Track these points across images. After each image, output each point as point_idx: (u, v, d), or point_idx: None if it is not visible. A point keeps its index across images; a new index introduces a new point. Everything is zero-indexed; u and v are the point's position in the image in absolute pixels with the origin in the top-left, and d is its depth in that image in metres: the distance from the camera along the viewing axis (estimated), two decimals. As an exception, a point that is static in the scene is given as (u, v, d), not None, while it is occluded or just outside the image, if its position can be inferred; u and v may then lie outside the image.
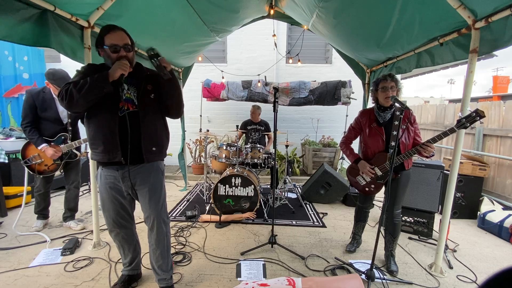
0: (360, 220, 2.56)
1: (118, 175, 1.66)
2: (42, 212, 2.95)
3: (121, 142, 1.58)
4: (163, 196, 1.80)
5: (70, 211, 2.97)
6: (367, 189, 2.34)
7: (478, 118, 1.76)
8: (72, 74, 1.56)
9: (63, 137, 2.76)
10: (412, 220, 2.99)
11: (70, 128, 2.79)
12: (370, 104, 2.41)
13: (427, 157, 2.09)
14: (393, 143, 2.08)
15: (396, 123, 2.03)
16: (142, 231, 2.89)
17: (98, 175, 1.75)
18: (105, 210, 1.76)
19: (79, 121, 2.93)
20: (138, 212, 1.89)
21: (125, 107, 1.60)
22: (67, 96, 1.45)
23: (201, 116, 5.30)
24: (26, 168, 2.72)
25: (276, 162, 4.08)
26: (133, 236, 1.92)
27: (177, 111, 1.77)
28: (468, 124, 1.82)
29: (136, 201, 1.82)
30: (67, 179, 2.94)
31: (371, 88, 2.32)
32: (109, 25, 1.60)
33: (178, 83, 1.72)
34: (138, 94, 1.65)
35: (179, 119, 4.55)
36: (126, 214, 1.80)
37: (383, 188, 2.31)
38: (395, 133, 2.04)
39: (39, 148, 2.61)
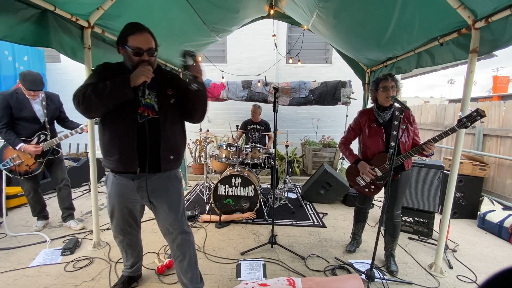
0: (360, 220, 2.56)
1: (133, 185, 1.56)
2: (40, 213, 2.94)
3: (139, 150, 1.48)
4: (182, 206, 1.69)
5: (67, 210, 2.96)
6: (366, 190, 2.33)
7: (479, 117, 1.76)
8: (72, 74, 1.52)
9: (42, 136, 2.74)
10: (412, 220, 2.99)
11: (48, 127, 2.77)
12: (370, 104, 2.41)
13: (426, 156, 2.09)
14: (393, 143, 2.07)
15: (396, 123, 2.02)
16: (143, 231, 2.89)
17: (108, 180, 1.64)
18: (113, 217, 1.69)
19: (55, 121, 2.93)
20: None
21: (145, 113, 1.50)
22: (84, 100, 1.34)
23: (201, 116, 5.29)
24: (4, 172, 2.66)
25: (276, 162, 4.08)
26: (138, 242, 1.88)
27: (200, 118, 1.67)
28: (469, 124, 1.81)
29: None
30: (55, 178, 2.91)
31: (370, 88, 2.29)
32: (135, 24, 1.48)
33: (206, 92, 1.60)
34: (159, 99, 1.54)
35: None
36: (134, 222, 1.75)
37: (383, 188, 2.31)
38: (395, 133, 2.04)
39: (16, 148, 2.57)
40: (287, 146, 3.95)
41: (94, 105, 1.36)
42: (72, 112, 3.64)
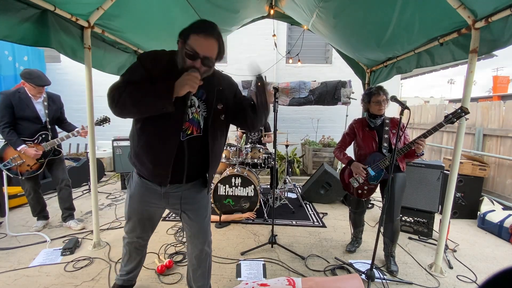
0: (357, 226, 2.60)
1: (160, 191, 1.45)
2: (41, 214, 2.94)
3: (174, 168, 1.36)
4: (209, 215, 1.63)
5: (67, 210, 2.96)
6: (359, 191, 2.36)
7: (463, 114, 1.91)
8: (72, 74, 1.48)
9: (43, 136, 2.73)
10: (412, 220, 2.99)
11: (49, 127, 2.77)
12: None
13: (417, 155, 2.12)
14: (385, 144, 2.26)
15: (387, 128, 2.27)
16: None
17: (132, 180, 1.53)
18: (131, 219, 1.59)
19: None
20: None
21: (188, 131, 1.35)
22: (119, 102, 1.19)
23: (201, 116, 5.29)
24: (5, 172, 2.64)
25: (276, 162, 4.07)
26: (144, 248, 1.79)
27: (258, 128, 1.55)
28: (455, 120, 1.94)
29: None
30: (55, 178, 2.90)
31: (362, 99, 2.39)
32: (207, 24, 1.26)
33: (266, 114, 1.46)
34: (209, 116, 1.38)
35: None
36: (150, 227, 1.66)
37: (377, 191, 2.37)
38: (386, 136, 2.26)
39: (18, 149, 2.56)
40: (287, 146, 3.95)
41: (128, 111, 1.23)
42: (72, 113, 3.65)
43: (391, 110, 5.76)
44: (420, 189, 2.96)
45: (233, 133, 4.06)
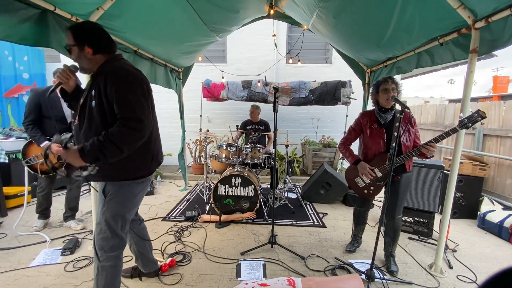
0: (359, 223, 2.57)
1: None
2: (44, 212, 2.96)
3: None
4: (105, 209, 1.54)
5: (71, 210, 2.98)
6: (365, 191, 2.32)
7: (480, 118, 1.79)
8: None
9: (68, 136, 2.77)
10: (412, 220, 2.99)
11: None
12: (370, 104, 2.41)
13: (427, 157, 2.08)
14: (394, 144, 2.08)
15: (397, 124, 2.04)
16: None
17: None
18: None
19: None
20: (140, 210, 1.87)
21: (76, 120, 1.51)
22: None
23: (201, 116, 5.30)
24: (27, 168, 2.72)
25: (276, 162, 4.08)
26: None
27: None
28: (470, 125, 1.83)
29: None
30: (69, 178, 2.94)
31: (371, 91, 2.30)
32: None
33: (110, 150, 1.37)
34: (83, 105, 1.46)
35: (180, 119, 4.56)
36: None
37: (383, 190, 2.30)
38: (396, 134, 2.04)
39: (41, 145, 2.61)
40: (287, 146, 3.95)
41: None
42: (72, 112, 3.60)
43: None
44: (420, 189, 2.96)
45: (233, 133, 4.06)
